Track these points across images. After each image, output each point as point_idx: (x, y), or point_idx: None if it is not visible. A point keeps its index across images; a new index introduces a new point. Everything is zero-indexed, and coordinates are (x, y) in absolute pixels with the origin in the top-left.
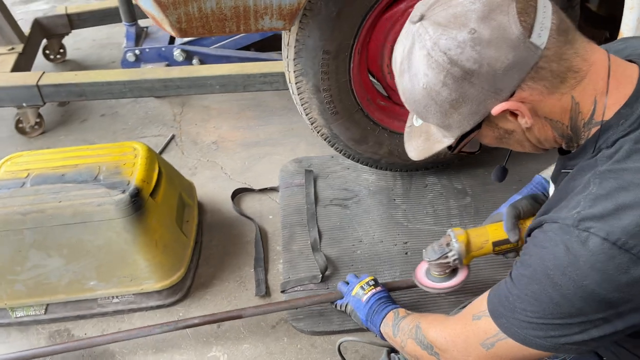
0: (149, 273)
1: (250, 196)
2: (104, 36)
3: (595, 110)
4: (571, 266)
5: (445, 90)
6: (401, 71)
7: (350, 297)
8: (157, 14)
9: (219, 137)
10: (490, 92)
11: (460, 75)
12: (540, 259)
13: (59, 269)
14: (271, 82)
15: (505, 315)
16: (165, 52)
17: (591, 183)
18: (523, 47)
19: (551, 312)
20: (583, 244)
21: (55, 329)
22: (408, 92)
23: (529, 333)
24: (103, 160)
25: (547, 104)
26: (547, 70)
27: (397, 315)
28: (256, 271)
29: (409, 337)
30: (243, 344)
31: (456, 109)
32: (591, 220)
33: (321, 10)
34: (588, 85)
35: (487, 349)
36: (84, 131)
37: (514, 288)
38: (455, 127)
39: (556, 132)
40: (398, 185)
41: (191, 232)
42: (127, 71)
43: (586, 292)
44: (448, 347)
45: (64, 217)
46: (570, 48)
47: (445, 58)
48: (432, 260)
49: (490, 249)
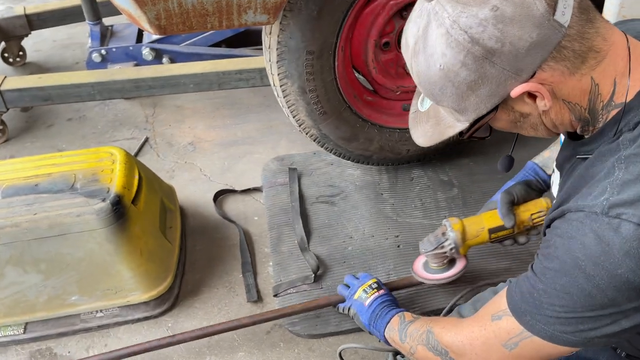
0: (135, 284)
1: (233, 198)
2: (65, 36)
3: (614, 91)
4: (604, 255)
5: (464, 71)
6: (415, 52)
7: (353, 301)
8: (133, 11)
9: (195, 137)
10: (511, 72)
11: (481, 55)
12: (568, 250)
13: (37, 285)
14: (247, 78)
15: (530, 312)
16: (133, 51)
17: (616, 168)
18: (547, 25)
19: (582, 304)
20: (615, 231)
21: (36, 348)
22: (423, 73)
23: (556, 329)
24: (78, 167)
25: (567, 85)
26: (570, 49)
27: (403, 319)
28: (245, 276)
29: (419, 343)
30: (238, 353)
31: (474, 90)
32: (622, 207)
33: (301, 11)
34: (608, 65)
35: (510, 350)
36: (51, 137)
37: (539, 283)
38: (471, 110)
39: (573, 115)
40: (384, 179)
41: (175, 238)
42: (96, 72)
43: (620, 281)
44: (466, 351)
45: (40, 230)
46: (592, 27)
47: (466, 36)
48: (428, 251)
49: (487, 236)
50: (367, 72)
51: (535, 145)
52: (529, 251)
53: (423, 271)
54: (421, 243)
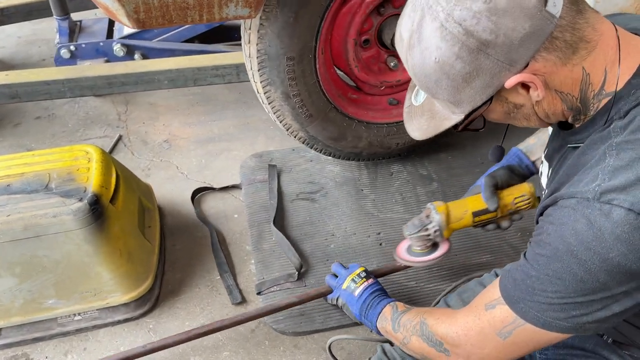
0: (114, 285)
1: (211, 196)
2: (30, 32)
3: (605, 81)
4: (596, 240)
5: (459, 63)
6: (410, 45)
7: (342, 291)
8: (110, 4)
9: (170, 135)
10: (505, 63)
11: (475, 47)
12: (561, 236)
13: (11, 290)
14: (223, 74)
15: (523, 300)
16: (104, 47)
17: (607, 155)
18: (539, 16)
19: (574, 289)
20: (607, 216)
21: (11, 354)
22: (418, 66)
23: (549, 315)
24: (53, 166)
25: (559, 75)
26: (561, 40)
27: (396, 309)
28: (223, 278)
29: (413, 333)
30: (223, 352)
31: (469, 82)
32: (613, 192)
33: (277, 18)
34: (599, 55)
35: (504, 338)
36: (18, 136)
37: (532, 269)
38: (466, 102)
39: (565, 105)
40: (364, 175)
41: (155, 238)
42: (66, 69)
43: (611, 265)
44: (461, 341)
45: (14, 232)
46: (582, 17)
47: (460, 29)
48: (412, 233)
49: (470, 219)
50: (350, 71)
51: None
52: (510, 244)
53: (407, 254)
54: (405, 227)
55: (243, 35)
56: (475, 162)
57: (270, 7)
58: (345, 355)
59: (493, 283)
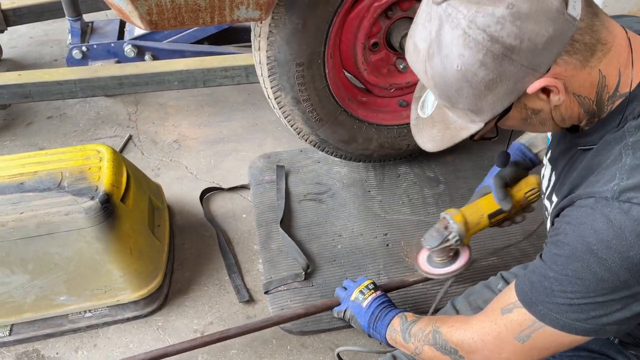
0: (125, 283)
1: (220, 196)
2: (42, 33)
3: (620, 82)
4: (616, 238)
5: (483, 71)
6: (429, 55)
7: (349, 303)
8: (124, 6)
9: (180, 135)
10: (529, 68)
11: (500, 53)
12: (580, 235)
13: (24, 286)
14: (232, 76)
15: (542, 302)
16: (115, 48)
17: (623, 154)
18: (562, 19)
19: (594, 289)
20: (626, 214)
21: (22, 350)
22: (438, 75)
23: (569, 317)
24: (65, 165)
25: (578, 78)
26: (581, 42)
27: (405, 319)
28: (232, 278)
29: (425, 343)
30: (230, 350)
31: (492, 89)
32: (632, 191)
33: (286, 25)
34: (613, 57)
35: (523, 342)
36: (30, 135)
37: (549, 271)
38: (487, 110)
39: (582, 109)
40: (371, 177)
41: (164, 237)
42: (78, 69)
43: (632, 262)
44: (477, 347)
45: (27, 230)
46: (598, 20)
47: (484, 35)
48: (434, 247)
49: (487, 222)
50: (359, 74)
51: None
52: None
53: (429, 267)
54: (424, 239)
55: (253, 42)
56: (482, 164)
57: (278, 14)
58: (351, 355)
59: (508, 287)
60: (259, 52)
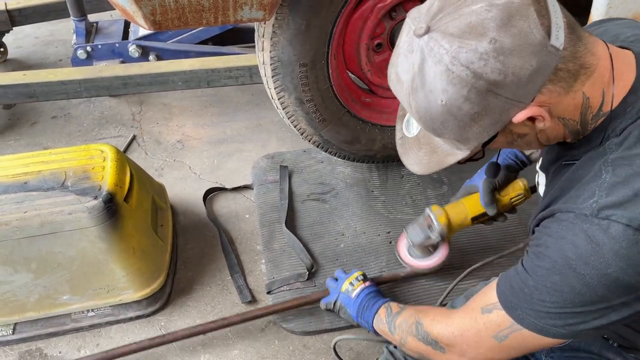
0: (127, 282)
1: (223, 196)
2: (47, 33)
3: (603, 102)
4: (594, 255)
5: (467, 105)
6: (413, 89)
7: (340, 293)
8: (128, 6)
9: (184, 135)
10: (514, 101)
11: (485, 88)
12: (560, 249)
13: (27, 285)
14: (236, 76)
15: (521, 307)
16: (119, 48)
17: (603, 171)
18: (545, 52)
19: (572, 301)
20: (605, 232)
21: (25, 349)
22: (423, 109)
23: (546, 323)
24: (69, 165)
25: (562, 104)
26: (565, 70)
27: (390, 311)
28: (234, 278)
29: (408, 334)
30: (233, 351)
31: (477, 122)
32: (611, 208)
33: (290, 26)
34: (597, 79)
35: (500, 341)
36: (35, 135)
37: (530, 279)
38: (473, 139)
39: (567, 130)
40: (374, 177)
41: (167, 236)
42: (83, 69)
43: (610, 279)
44: (457, 341)
45: (30, 229)
46: (581, 44)
47: (468, 72)
48: (416, 243)
49: (469, 223)
50: (363, 75)
51: None
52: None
53: (410, 257)
54: (407, 232)
55: (257, 43)
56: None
57: (282, 15)
58: (353, 356)
59: (489, 286)
60: (263, 52)
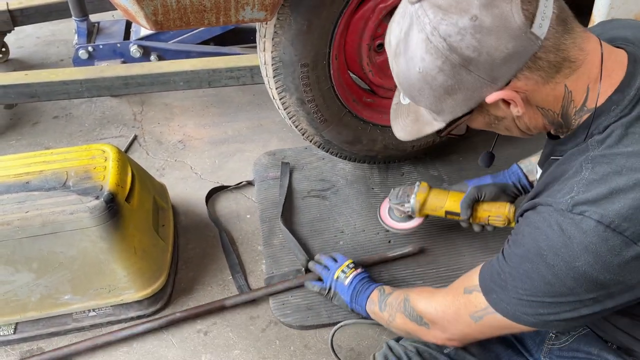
0: (129, 282)
1: (225, 196)
2: (48, 33)
3: (587, 97)
4: (564, 247)
5: (442, 76)
6: (396, 53)
7: (333, 281)
8: (130, 6)
9: (185, 135)
10: (487, 80)
11: (458, 63)
12: (534, 239)
13: (28, 285)
14: (238, 76)
15: (496, 292)
16: (121, 48)
17: (584, 168)
18: (524, 37)
19: (542, 290)
20: (577, 226)
21: (26, 348)
22: (402, 74)
23: (518, 310)
24: (70, 165)
25: (540, 93)
26: (545, 60)
27: (383, 292)
28: (235, 278)
29: (397, 310)
30: (234, 351)
31: (450, 95)
32: (585, 204)
33: (291, 26)
34: (582, 74)
35: (476, 321)
36: (36, 135)
37: (506, 266)
38: (448, 112)
39: (546, 120)
40: (375, 174)
41: (169, 237)
42: (84, 69)
43: (578, 273)
44: (438, 317)
45: (32, 229)
46: (569, 38)
47: (444, 44)
48: (391, 203)
49: (442, 214)
50: (364, 76)
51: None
52: None
53: (387, 216)
54: (392, 190)
55: (258, 43)
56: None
57: (284, 15)
58: (354, 356)
59: (475, 269)
60: (264, 53)
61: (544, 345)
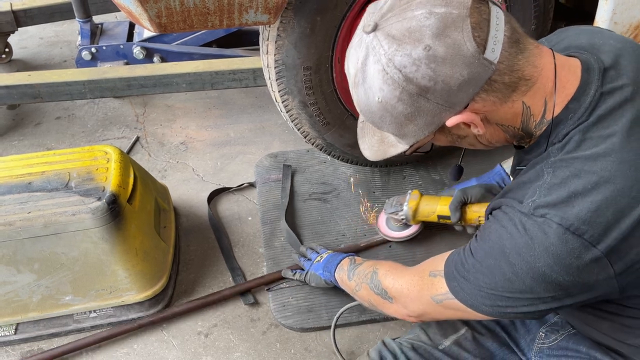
0: (130, 284)
1: (226, 198)
2: (52, 34)
3: (546, 110)
4: (526, 247)
5: (401, 105)
6: (355, 83)
7: (312, 266)
8: (134, 8)
9: (187, 137)
10: (445, 106)
11: (415, 92)
12: (499, 237)
13: (30, 285)
14: (240, 79)
15: (458, 280)
16: (124, 49)
17: (545, 172)
18: (477, 64)
19: (502, 285)
20: (539, 228)
21: (27, 349)
22: (363, 103)
23: (477, 300)
24: (73, 166)
25: (499, 112)
26: (500, 82)
27: (354, 261)
28: (236, 281)
29: (363, 281)
30: (234, 353)
31: (411, 121)
32: (546, 208)
33: (295, 29)
34: (539, 89)
35: (437, 303)
36: (39, 135)
37: (471, 258)
38: (410, 136)
39: (507, 134)
40: (377, 178)
41: (170, 238)
42: (87, 70)
43: (538, 273)
44: (402, 294)
45: (34, 229)
46: (522, 58)
47: (400, 75)
48: (386, 212)
49: (435, 219)
50: None
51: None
52: None
53: (385, 226)
54: (387, 201)
55: (261, 46)
56: (487, 168)
57: (287, 18)
58: (350, 355)
59: (443, 255)
60: (267, 55)
61: (534, 345)
